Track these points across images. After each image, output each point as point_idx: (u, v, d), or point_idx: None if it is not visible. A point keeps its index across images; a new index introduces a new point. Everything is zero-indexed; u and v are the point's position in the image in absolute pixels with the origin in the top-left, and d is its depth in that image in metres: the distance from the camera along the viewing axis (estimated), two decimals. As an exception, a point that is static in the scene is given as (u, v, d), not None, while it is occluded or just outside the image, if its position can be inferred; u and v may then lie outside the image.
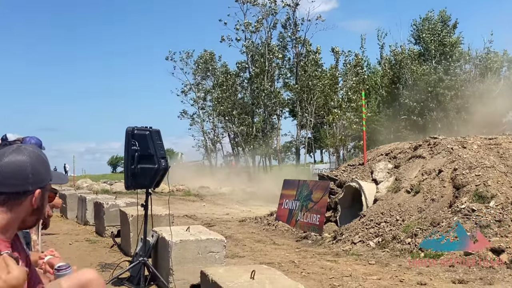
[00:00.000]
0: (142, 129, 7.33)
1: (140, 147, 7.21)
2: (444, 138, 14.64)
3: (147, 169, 7.24)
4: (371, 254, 10.34)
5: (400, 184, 12.85)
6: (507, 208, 10.01)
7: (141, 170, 7.21)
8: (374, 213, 12.10)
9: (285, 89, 50.21)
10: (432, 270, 8.77)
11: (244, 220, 17.20)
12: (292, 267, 9.35)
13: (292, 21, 48.39)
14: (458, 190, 11.22)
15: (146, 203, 7.50)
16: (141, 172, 7.22)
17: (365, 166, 15.22)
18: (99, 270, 8.60)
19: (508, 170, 11.67)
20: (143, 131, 7.30)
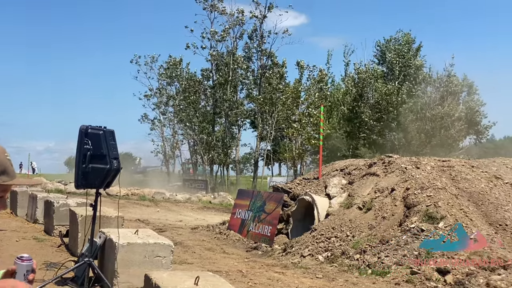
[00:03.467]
0: (96, 128, 7.23)
1: (93, 146, 7.10)
2: (398, 158, 14.83)
3: (99, 169, 7.13)
4: (319, 268, 10.37)
5: (353, 200, 12.94)
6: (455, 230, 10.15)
7: (92, 170, 7.11)
8: (325, 228, 12.15)
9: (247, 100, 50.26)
10: (378, 287, 8.83)
11: (196, 227, 17.10)
12: (240, 277, 9.32)
13: (259, 33, 48.52)
14: (409, 210, 11.35)
15: (96, 203, 7.39)
16: (92, 171, 7.11)
17: (319, 180, 15.29)
18: (44, 269, 8.44)
19: (459, 192, 11.86)
20: (97, 131, 7.20)
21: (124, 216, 11.89)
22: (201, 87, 50.06)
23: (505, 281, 8.36)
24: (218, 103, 48.21)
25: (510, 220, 10.51)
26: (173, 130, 52.31)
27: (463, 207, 11.13)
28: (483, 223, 10.59)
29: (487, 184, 12.34)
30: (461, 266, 8.97)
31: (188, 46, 48.51)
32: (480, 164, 14.06)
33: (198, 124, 47.89)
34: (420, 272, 9.11)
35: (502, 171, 13.40)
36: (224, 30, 48.00)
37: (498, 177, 12.81)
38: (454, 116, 44.29)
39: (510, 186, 12.23)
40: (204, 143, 48.04)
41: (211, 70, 49.36)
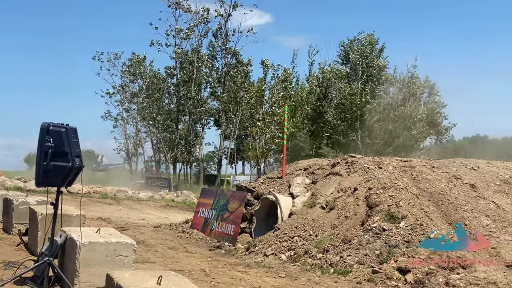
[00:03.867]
0: (58, 125, 7.11)
1: (55, 144, 6.99)
2: (361, 158, 14.95)
3: (60, 167, 7.03)
4: (282, 267, 10.40)
5: (316, 200, 13.01)
6: (416, 230, 10.28)
7: (54, 168, 7.00)
8: (288, 227, 12.19)
9: (212, 98, 50.15)
10: (340, 286, 8.89)
11: (159, 226, 17.01)
12: (202, 276, 9.30)
13: (224, 31, 48.44)
14: (371, 209, 11.46)
15: (57, 202, 7.28)
16: (54, 169, 7.01)
17: (283, 179, 15.33)
18: (2, 268, 8.31)
19: (420, 192, 12.01)
20: (59, 128, 7.09)
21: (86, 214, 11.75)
22: (165, 85, 49.75)
23: (464, 280, 8.48)
24: (182, 101, 47.97)
25: (469, 220, 10.67)
26: (136, 128, 51.94)
27: (424, 207, 11.28)
28: (443, 222, 10.74)
29: (447, 184, 12.52)
30: (421, 266, 9.06)
31: (152, 43, 48.25)
32: (440, 165, 14.25)
33: (161, 122, 47.58)
34: (381, 271, 9.21)
35: (462, 172, 13.60)
36: (189, 28, 47.81)
37: (457, 177, 13.01)
38: (416, 117, 44.81)
39: (469, 187, 12.43)
40: (168, 141, 47.76)
41: (175, 68, 49.09)
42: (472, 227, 10.37)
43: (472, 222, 10.59)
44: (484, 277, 8.54)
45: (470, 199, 11.70)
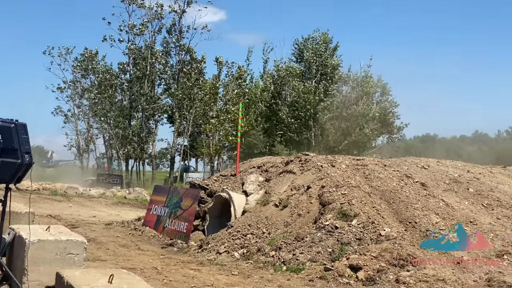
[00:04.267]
0: (7, 121, 6.95)
1: (4, 140, 6.83)
2: (315, 156, 15.04)
3: (9, 163, 6.87)
4: (235, 265, 10.39)
5: (269, 198, 13.04)
6: (368, 227, 10.39)
7: (3, 164, 6.84)
8: (242, 225, 12.19)
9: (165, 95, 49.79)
10: (293, 283, 8.93)
11: (110, 223, 16.82)
12: (154, 274, 9.23)
13: (178, 28, 48.13)
14: (324, 207, 11.54)
15: (5, 199, 7.11)
16: (2, 166, 6.85)
17: (237, 177, 15.33)
18: None
19: (372, 190, 12.15)
20: (8, 124, 6.93)
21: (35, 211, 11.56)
22: (118, 81, 49.17)
23: (414, 277, 8.63)
24: (135, 98, 47.51)
25: (419, 218, 10.82)
26: (87, 124, 51.13)
27: (376, 205, 11.41)
28: (394, 220, 10.87)
29: (398, 182, 12.69)
30: (373, 263, 9.18)
31: (105, 38, 47.56)
32: (392, 163, 14.43)
33: (114, 118, 47.01)
34: (333, 268, 9.28)
35: (413, 170, 13.80)
36: (143, 24, 47.35)
37: (409, 176, 13.19)
38: (368, 115, 45.29)
39: (420, 185, 12.62)
40: (120, 138, 47.23)
41: (129, 64, 48.57)
42: (422, 225, 10.52)
43: (422, 220, 10.75)
44: (433, 274, 8.70)
45: (420, 198, 11.88)
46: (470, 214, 11.26)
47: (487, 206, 11.94)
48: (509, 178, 14.94)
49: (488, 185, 13.43)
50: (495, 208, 11.87)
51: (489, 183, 13.68)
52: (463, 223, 10.73)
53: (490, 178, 14.33)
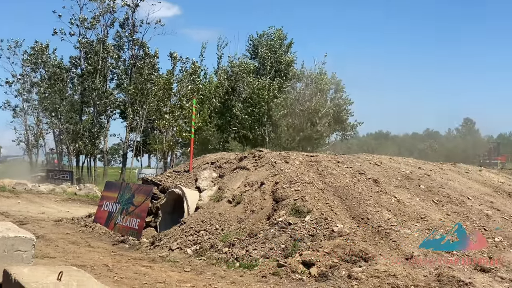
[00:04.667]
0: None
1: None
2: (268, 152, 15.05)
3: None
4: (187, 261, 10.30)
5: (223, 194, 12.99)
6: (321, 224, 10.42)
7: None
8: (195, 221, 12.11)
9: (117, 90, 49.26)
10: (246, 280, 8.88)
11: (60, 220, 16.54)
12: (105, 271, 9.08)
13: (131, 22, 47.67)
14: (278, 203, 11.54)
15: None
16: None
17: (190, 173, 15.23)
18: None
19: (325, 187, 12.20)
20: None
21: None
22: (69, 75, 48.41)
23: (366, 272, 8.68)
24: (87, 92, 46.84)
25: (371, 214, 10.90)
26: (37, 119, 50.19)
27: (329, 201, 11.45)
28: (347, 216, 10.93)
29: (351, 179, 12.78)
30: (325, 259, 9.20)
31: (55, 32, 46.82)
32: (345, 160, 14.54)
33: (64, 113, 46.26)
34: (286, 264, 9.27)
35: (365, 167, 13.92)
36: (94, 18, 46.74)
37: (361, 172, 13.30)
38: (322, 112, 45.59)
39: (373, 181, 12.73)
40: (71, 133, 46.51)
41: (80, 58, 47.86)
42: (375, 221, 10.60)
43: (374, 216, 10.83)
44: (385, 269, 8.77)
45: (373, 194, 11.98)
46: (421, 210, 11.39)
47: (438, 203, 12.11)
48: (459, 175, 15.21)
49: (438, 181, 13.64)
50: (445, 205, 12.05)
51: (440, 180, 13.89)
52: (414, 219, 10.85)
53: (440, 175, 14.56)
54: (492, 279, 8.64)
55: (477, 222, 11.17)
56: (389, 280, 8.39)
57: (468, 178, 15.07)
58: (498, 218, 11.66)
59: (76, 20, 46.85)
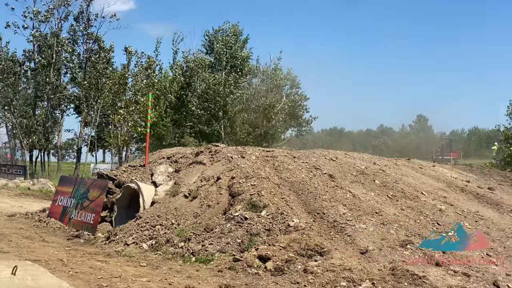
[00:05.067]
0: None
1: None
2: (225, 147, 15.07)
3: None
4: (143, 256, 10.26)
5: (179, 189, 12.96)
6: (277, 218, 10.47)
7: None
8: (151, 216, 12.06)
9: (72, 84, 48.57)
10: (202, 274, 8.89)
11: (13, 215, 16.28)
12: (60, 266, 8.99)
13: (85, 16, 46.99)
14: (234, 198, 11.56)
15: None
16: None
17: (146, 168, 15.15)
18: None
19: (281, 182, 12.28)
20: None
21: None
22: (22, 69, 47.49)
23: (321, 267, 8.76)
24: (40, 86, 46.04)
25: (327, 209, 11.00)
26: (-12, 113, 49.15)
27: (285, 196, 11.53)
28: (303, 211, 11.01)
29: (307, 174, 12.88)
30: (281, 253, 9.25)
31: (8, 25, 45.81)
32: (301, 155, 14.64)
33: (18, 107, 45.39)
34: (242, 259, 9.30)
35: (321, 162, 14.05)
36: (48, 11, 45.82)
37: (317, 167, 13.42)
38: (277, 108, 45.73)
39: (328, 177, 12.85)
40: (24, 127, 45.67)
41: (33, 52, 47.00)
42: (330, 216, 10.71)
43: (330, 211, 10.94)
44: (340, 263, 8.87)
45: (328, 189, 12.09)
46: (376, 205, 11.56)
47: (392, 197, 12.30)
48: (413, 170, 15.47)
49: (393, 177, 13.85)
50: (399, 199, 12.25)
51: (394, 175, 14.11)
52: (369, 214, 11.00)
53: (395, 170, 14.78)
54: (445, 273, 8.83)
55: (431, 217, 11.39)
56: (344, 274, 8.48)
57: (422, 173, 15.35)
58: (451, 213, 11.92)
59: (30, 13, 45.87)
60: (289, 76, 48.56)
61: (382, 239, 9.97)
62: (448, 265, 9.14)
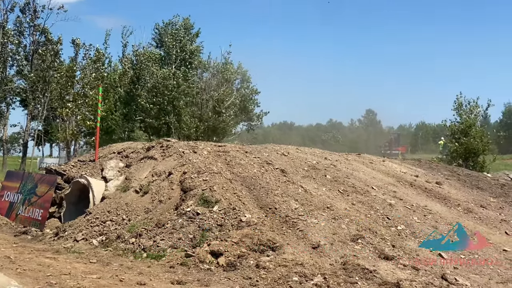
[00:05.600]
0: None
1: None
2: (176, 142, 14.96)
3: None
4: (93, 252, 10.12)
5: (130, 184, 12.82)
6: (229, 213, 10.45)
7: None
8: (101, 211, 11.90)
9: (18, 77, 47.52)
10: (153, 270, 8.80)
11: (-44, 211, 15.83)
12: (7, 263, 8.78)
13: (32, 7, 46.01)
14: (186, 193, 11.50)
15: None
16: None
17: (96, 163, 14.93)
18: None
19: (233, 177, 12.26)
20: None
21: None
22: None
23: (273, 262, 8.78)
24: (-15, 79, 44.98)
25: (279, 204, 11.03)
26: None
27: (237, 191, 11.51)
28: (255, 206, 11.01)
29: (259, 169, 12.89)
30: (233, 249, 9.23)
31: (-50, 17, 44.58)
32: (253, 150, 14.65)
33: (-39, 100, 44.29)
34: (194, 255, 9.25)
35: (273, 157, 14.08)
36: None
37: (269, 162, 13.45)
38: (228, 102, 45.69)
39: (280, 172, 12.89)
40: (-32, 121, 44.59)
41: (-22, 44, 45.84)
42: (282, 211, 10.73)
43: (282, 206, 10.97)
44: (292, 258, 8.90)
45: (280, 184, 12.13)
46: (327, 200, 11.64)
47: (343, 192, 12.42)
48: (364, 165, 15.65)
49: (344, 172, 13.99)
50: (350, 194, 12.37)
51: (345, 170, 14.25)
52: (320, 208, 11.07)
53: (346, 165, 14.93)
54: (395, 267, 8.95)
55: (381, 211, 11.54)
56: (296, 269, 8.51)
57: (372, 168, 15.54)
58: (401, 207, 12.10)
59: (-26, 5, 44.81)
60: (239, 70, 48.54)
61: (334, 234, 10.04)
62: (398, 259, 9.28)
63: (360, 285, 8.12)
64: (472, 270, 9.40)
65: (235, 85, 48.77)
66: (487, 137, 30.23)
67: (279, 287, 8.03)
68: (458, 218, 12.39)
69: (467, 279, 8.82)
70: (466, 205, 13.68)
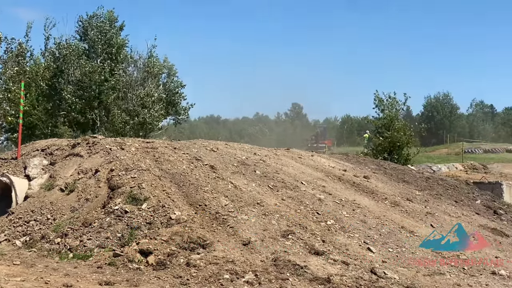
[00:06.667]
0: None
1: None
2: (103, 138, 14.67)
3: None
4: (16, 253, 9.79)
5: (55, 182, 12.48)
6: (158, 211, 10.31)
7: None
8: (24, 211, 11.54)
9: None
10: (80, 271, 8.57)
11: None
12: None
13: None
14: (113, 191, 11.27)
15: None
16: None
17: (18, 160, 14.44)
18: None
19: (162, 174, 12.09)
20: None
21: None
22: None
23: (204, 259, 8.72)
24: None
25: (209, 201, 10.96)
26: None
27: (166, 188, 11.35)
28: (185, 203, 10.89)
29: (188, 165, 12.77)
30: (163, 247, 9.12)
31: None
32: (182, 146, 14.51)
33: None
34: (122, 254, 9.09)
35: (202, 153, 13.98)
36: None
37: (198, 158, 13.34)
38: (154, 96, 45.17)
39: (209, 168, 12.81)
40: None
41: None
42: (212, 208, 10.66)
43: (212, 202, 10.89)
44: (223, 256, 8.87)
45: (210, 180, 12.05)
46: (257, 195, 11.63)
47: (273, 188, 12.44)
48: (293, 160, 15.74)
49: (273, 167, 14.02)
50: (280, 190, 12.41)
51: (275, 165, 14.29)
52: (250, 204, 11.06)
53: (275, 160, 14.97)
54: (325, 262, 9.03)
55: (311, 207, 11.62)
56: (228, 266, 8.48)
57: (301, 163, 15.65)
58: (330, 202, 12.22)
59: None
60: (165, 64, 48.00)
61: (264, 230, 10.05)
62: (328, 254, 9.36)
63: (291, 281, 8.15)
64: (400, 263, 9.58)
65: (162, 79, 48.16)
66: (410, 130, 30.86)
67: (210, 285, 7.97)
68: (386, 211, 12.61)
69: (395, 273, 8.99)
70: (393, 199, 13.95)
